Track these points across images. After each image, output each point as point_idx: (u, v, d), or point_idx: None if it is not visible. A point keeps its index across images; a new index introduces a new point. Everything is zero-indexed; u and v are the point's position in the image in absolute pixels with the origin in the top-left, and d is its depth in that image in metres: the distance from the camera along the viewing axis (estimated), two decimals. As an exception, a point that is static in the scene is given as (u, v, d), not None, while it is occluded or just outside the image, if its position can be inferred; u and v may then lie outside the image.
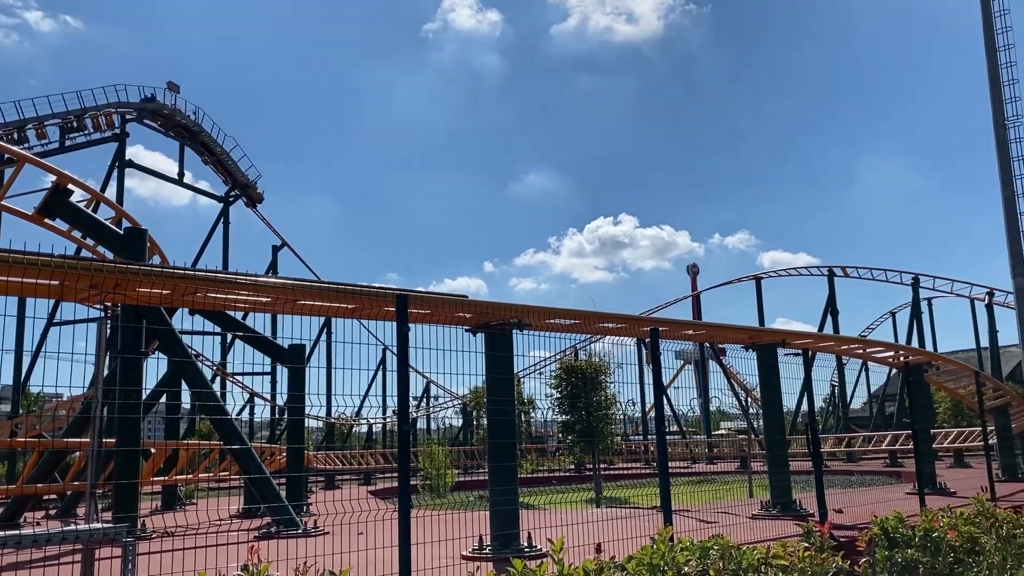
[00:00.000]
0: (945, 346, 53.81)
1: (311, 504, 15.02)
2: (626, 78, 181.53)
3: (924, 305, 47.52)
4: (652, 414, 24.06)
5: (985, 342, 46.04)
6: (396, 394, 5.53)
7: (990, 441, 17.17)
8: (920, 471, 12.65)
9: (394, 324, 5.92)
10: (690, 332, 13.26)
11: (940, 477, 16.83)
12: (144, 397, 13.58)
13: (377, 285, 6.90)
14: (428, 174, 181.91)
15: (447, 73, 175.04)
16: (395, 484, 5.56)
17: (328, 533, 10.50)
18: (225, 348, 40.82)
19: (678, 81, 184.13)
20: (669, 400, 45.98)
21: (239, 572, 3.50)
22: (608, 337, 11.77)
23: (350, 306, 7.28)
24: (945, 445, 27.90)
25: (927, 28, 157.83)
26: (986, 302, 44.34)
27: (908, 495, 14.37)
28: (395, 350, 5.79)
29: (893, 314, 53.26)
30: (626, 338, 11.46)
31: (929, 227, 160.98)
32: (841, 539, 7.90)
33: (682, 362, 64.68)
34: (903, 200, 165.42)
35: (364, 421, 45.74)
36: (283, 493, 13.49)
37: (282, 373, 34.13)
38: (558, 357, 27.60)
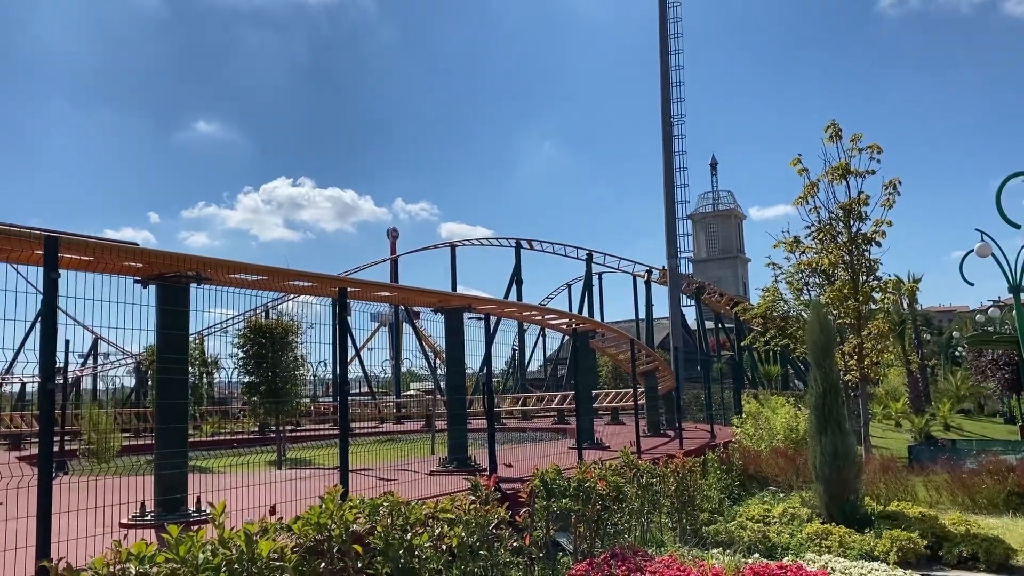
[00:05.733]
0: (611, 316, 59.99)
1: (-62, 474, 13.03)
2: (297, 38, 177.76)
3: (596, 279, 52.31)
4: (342, 375, 23.97)
5: (643, 314, 51.76)
6: (40, 348, 4.91)
7: (640, 401, 19.36)
8: (579, 427, 13.97)
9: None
10: (383, 294, 13.38)
11: (598, 433, 18.65)
12: None
13: (26, 226, 6.05)
14: (76, 111, 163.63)
15: (96, 2, 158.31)
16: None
17: (-43, 506, 9.20)
18: None
19: (349, 50, 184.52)
20: (362, 361, 46.32)
21: None
22: (303, 296, 11.51)
23: (-10, 248, 6.30)
24: (605, 404, 31.04)
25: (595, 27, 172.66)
26: (645, 279, 49.81)
27: (570, 449, 15.73)
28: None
29: (569, 285, 57.83)
30: (321, 298, 11.28)
31: (602, 209, 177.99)
32: (507, 491, 8.50)
33: (377, 324, 65.29)
34: (568, 183, 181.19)
35: (15, 379, 40.48)
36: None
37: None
38: (248, 316, 26.43)
